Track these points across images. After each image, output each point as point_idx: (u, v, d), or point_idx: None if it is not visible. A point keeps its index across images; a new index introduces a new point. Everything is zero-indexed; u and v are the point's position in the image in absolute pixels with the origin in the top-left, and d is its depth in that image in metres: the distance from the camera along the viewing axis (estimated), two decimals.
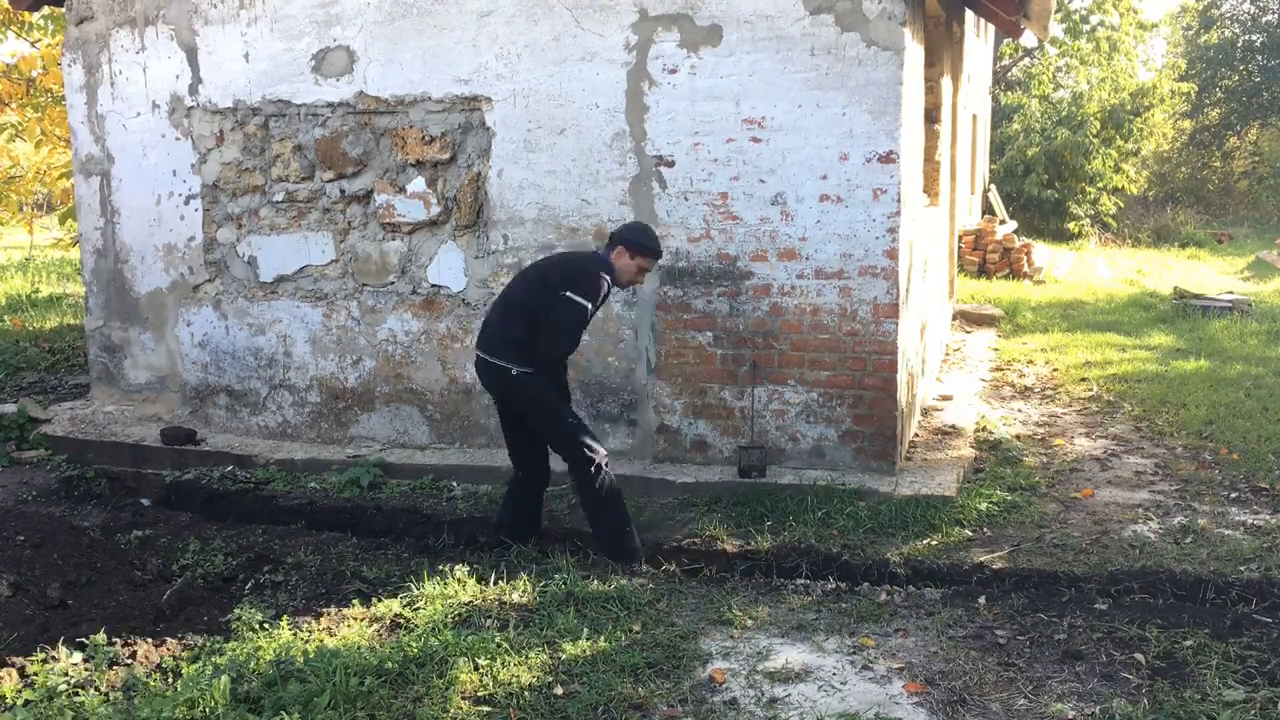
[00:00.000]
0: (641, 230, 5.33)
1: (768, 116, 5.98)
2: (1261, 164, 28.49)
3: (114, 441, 7.19)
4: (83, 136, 7.65)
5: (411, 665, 4.01)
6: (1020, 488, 6.09)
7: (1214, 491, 6.01)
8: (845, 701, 3.82)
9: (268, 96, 6.95)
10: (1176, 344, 10.25)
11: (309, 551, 5.39)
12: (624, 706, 3.76)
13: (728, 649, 4.25)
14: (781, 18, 5.88)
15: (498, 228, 6.57)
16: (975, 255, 15.32)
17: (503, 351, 5.15)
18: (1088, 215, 20.79)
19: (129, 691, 3.85)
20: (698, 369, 6.33)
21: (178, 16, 7.12)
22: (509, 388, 5.19)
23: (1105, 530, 5.44)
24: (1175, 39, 33.63)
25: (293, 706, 3.65)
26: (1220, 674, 3.91)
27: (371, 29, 6.63)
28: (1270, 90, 29.09)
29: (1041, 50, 25.99)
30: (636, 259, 5.22)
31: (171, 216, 7.41)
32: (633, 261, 5.22)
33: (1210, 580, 4.73)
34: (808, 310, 6.08)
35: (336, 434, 7.10)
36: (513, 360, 5.12)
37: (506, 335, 5.15)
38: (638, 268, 5.25)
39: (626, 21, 6.13)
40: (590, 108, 6.26)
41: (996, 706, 3.77)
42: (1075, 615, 4.51)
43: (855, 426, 6.11)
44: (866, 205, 5.90)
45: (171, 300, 7.52)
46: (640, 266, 5.26)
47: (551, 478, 5.52)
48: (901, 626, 4.47)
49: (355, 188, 6.87)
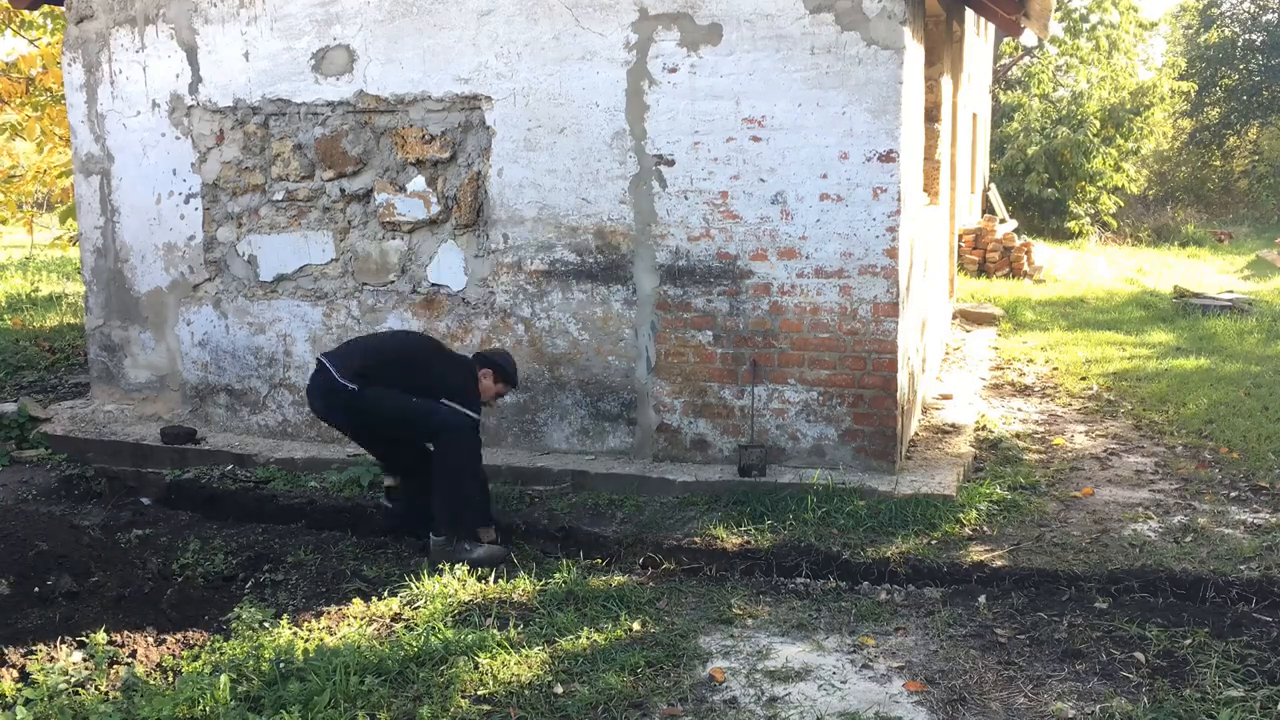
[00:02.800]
0: (509, 361, 5.71)
1: (768, 115, 5.98)
2: (1261, 163, 28.48)
3: (114, 440, 7.19)
4: (82, 135, 7.64)
5: (411, 664, 4.02)
6: (1020, 486, 6.09)
7: (1214, 490, 6.01)
8: (845, 700, 3.82)
9: (268, 95, 6.95)
10: (1176, 343, 10.25)
11: (309, 550, 5.39)
12: (624, 705, 3.76)
13: (728, 648, 4.25)
14: (781, 16, 5.88)
15: (498, 227, 6.57)
16: (975, 254, 15.33)
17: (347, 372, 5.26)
18: (1088, 214, 20.79)
19: (129, 691, 3.85)
20: (698, 368, 6.33)
21: (178, 15, 7.11)
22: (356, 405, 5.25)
23: (1105, 529, 5.44)
24: (1175, 38, 33.62)
25: (293, 705, 3.65)
26: (1220, 673, 3.91)
27: (371, 28, 6.62)
28: (1270, 89, 29.09)
29: (1041, 49, 25.97)
30: (499, 384, 5.63)
31: (171, 215, 7.40)
32: (495, 385, 5.61)
33: (1210, 579, 4.73)
34: (808, 309, 6.08)
35: (336, 433, 7.09)
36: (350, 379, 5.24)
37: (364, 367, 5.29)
38: (496, 392, 5.65)
39: (626, 20, 6.13)
40: (590, 106, 6.26)
41: (997, 705, 3.77)
42: (1075, 614, 4.51)
43: (855, 425, 6.11)
44: (866, 204, 5.90)
45: (171, 299, 7.52)
46: (499, 392, 5.68)
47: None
48: (901, 625, 4.47)
49: (355, 187, 6.87)
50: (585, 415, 6.57)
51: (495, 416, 6.66)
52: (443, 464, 5.30)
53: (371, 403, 5.26)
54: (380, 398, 5.26)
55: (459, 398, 5.33)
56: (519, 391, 6.59)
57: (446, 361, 5.59)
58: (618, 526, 5.66)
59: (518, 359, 6.57)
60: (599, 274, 6.40)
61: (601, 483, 6.22)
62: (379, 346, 5.62)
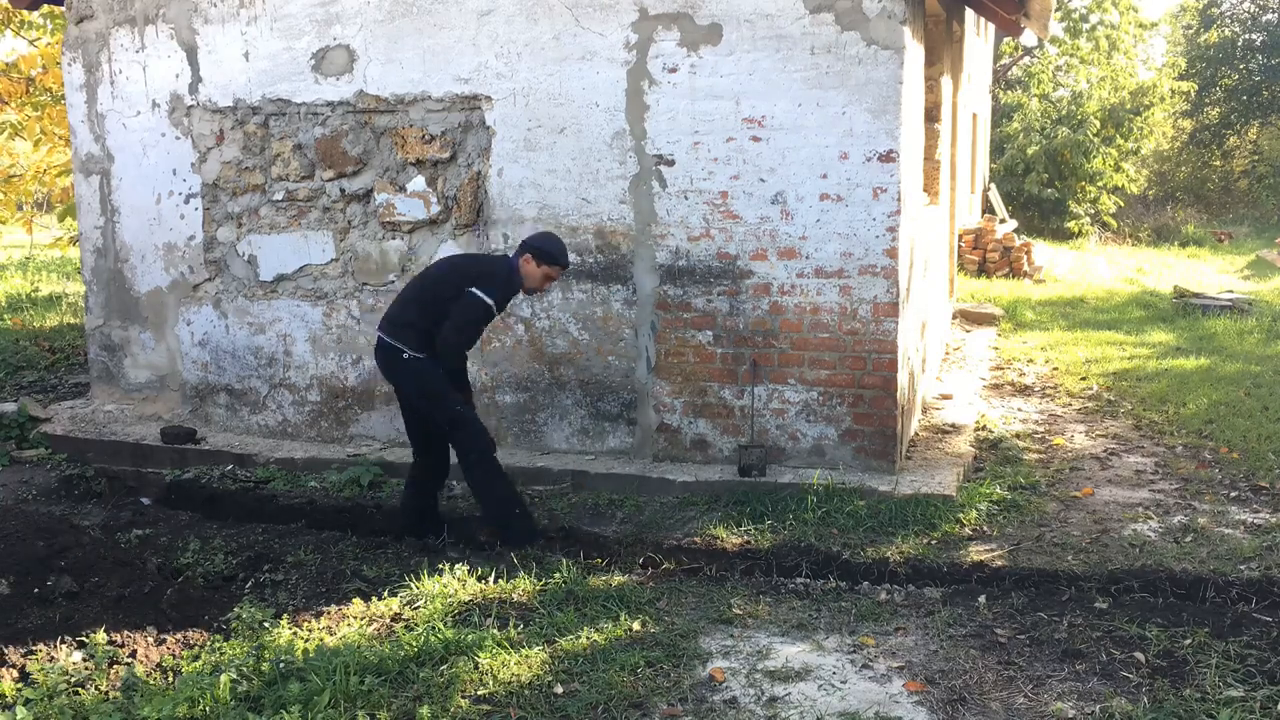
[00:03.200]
0: (549, 239, 5.42)
1: (768, 115, 5.98)
2: (1261, 163, 28.49)
3: (114, 440, 7.19)
4: (82, 135, 7.64)
5: (411, 664, 4.02)
6: (1020, 486, 6.09)
7: (1214, 490, 6.01)
8: (845, 700, 3.82)
9: (268, 95, 6.95)
10: (1176, 343, 10.25)
11: (309, 550, 5.39)
12: (624, 705, 3.76)
13: (728, 648, 4.25)
14: (781, 16, 5.88)
15: (498, 227, 6.57)
16: (975, 254, 15.33)
17: (400, 334, 5.28)
18: (1088, 214, 20.79)
19: (129, 691, 3.85)
20: (698, 368, 6.33)
21: (177, 15, 7.11)
22: (399, 370, 5.32)
23: (1105, 529, 5.44)
24: (1175, 38, 33.61)
25: (293, 705, 3.65)
26: (1220, 673, 3.91)
27: (371, 28, 6.62)
28: (1270, 89, 29.08)
29: (1041, 49, 25.99)
30: (543, 267, 5.30)
31: (171, 215, 7.41)
32: (539, 269, 5.30)
33: (1210, 579, 4.73)
34: (808, 309, 6.08)
35: (336, 433, 7.10)
36: (408, 344, 5.25)
37: (406, 319, 5.29)
38: (544, 275, 5.33)
39: (626, 20, 6.13)
40: (590, 106, 6.26)
41: (997, 705, 3.77)
42: (1075, 614, 4.50)
43: (855, 425, 6.11)
44: (866, 204, 5.90)
45: (171, 299, 7.52)
46: (546, 274, 5.33)
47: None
48: (901, 625, 4.47)
49: (355, 187, 6.87)
50: (585, 415, 6.57)
51: (495, 416, 6.66)
52: (468, 473, 5.38)
53: (407, 373, 5.29)
54: (419, 371, 5.25)
55: (480, 284, 5.18)
56: (519, 391, 6.59)
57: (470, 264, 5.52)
58: (618, 526, 5.66)
59: (518, 359, 6.59)
60: (599, 274, 6.41)
61: (601, 483, 6.22)
62: (404, 292, 5.52)
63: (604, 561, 5.29)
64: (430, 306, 5.24)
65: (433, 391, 5.30)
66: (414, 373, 5.29)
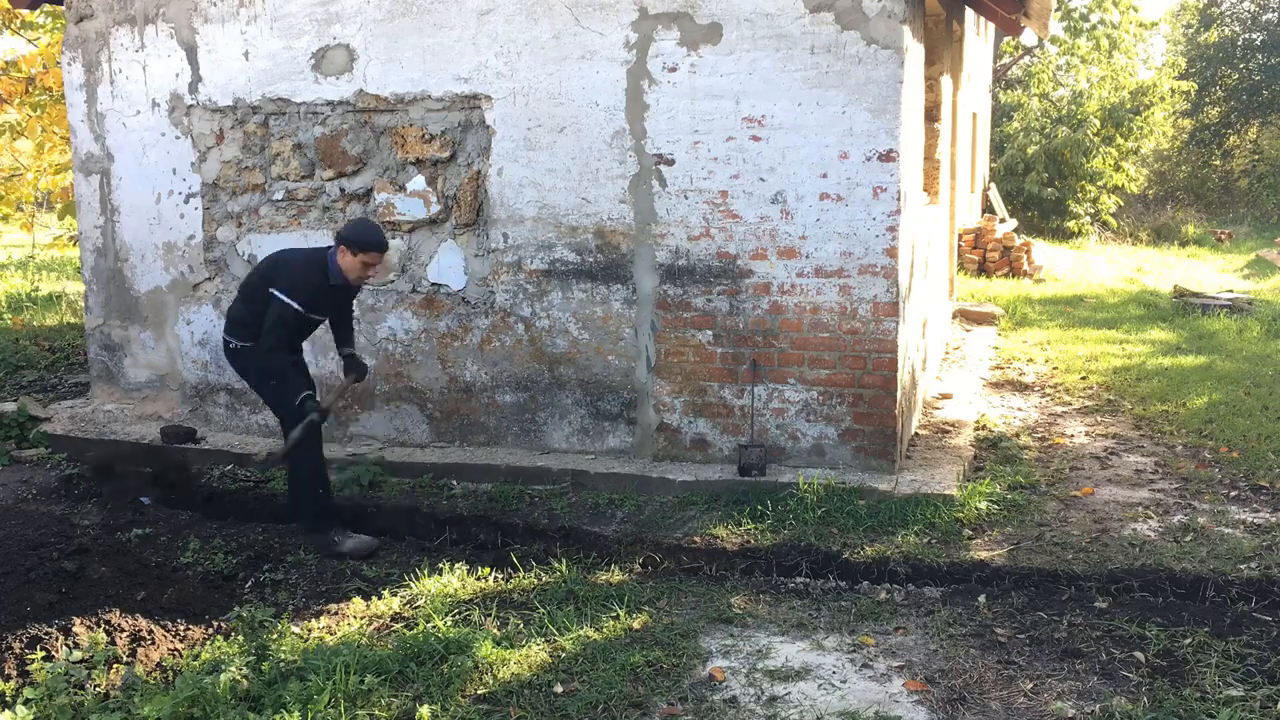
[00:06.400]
0: (359, 226, 5.50)
1: (768, 115, 5.98)
2: (1261, 162, 28.49)
3: (114, 440, 7.19)
4: (82, 135, 7.64)
5: (411, 663, 4.02)
6: (1020, 486, 6.09)
7: (1214, 490, 6.01)
8: (845, 700, 3.82)
9: (267, 95, 6.95)
10: (1176, 342, 10.25)
11: (309, 550, 5.39)
12: (624, 704, 3.77)
13: (728, 647, 4.25)
14: (781, 16, 5.88)
15: (498, 226, 6.57)
16: (975, 253, 15.33)
17: (231, 328, 5.64)
18: (1088, 214, 20.79)
19: (129, 690, 3.85)
20: (697, 367, 6.33)
21: (177, 15, 7.11)
22: (231, 359, 5.69)
23: (1105, 528, 5.44)
24: (1175, 37, 33.61)
25: (293, 705, 3.65)
26: (1220, 672, 3.92)
27: (371, 27, 6.62)
28: (1270, 88, 29.09)
29: (1041, 48, 25.99)
30: (359, 255, 5.37)
31: (171, 215, 7.40)
32: (355, 259, 5.38)
33: (1210, 578, 4.73)
34: (808, 309, 6.08)
35: (336, 432, 7.10)
36: (235, 335, 5.59)
37: (234, 314, 5.65)
38: (362, 264, 5.40)
39: (626, 20, 6.13)
40: (590, 106, 6.26)
41: (996, 705, 3.78)
42: (1075, 613, 4.51)
43: (855, 425, 6.11)
44: (866, 204, 5.90)
45: (171, 299, 7.52)
46: (365, 262, 5.40)
47: None
48: (901, 625, 4.47)
49: (355, 186, 6.87)
50: (585, 415, 6.57)
51: (495, 416, 6.67)
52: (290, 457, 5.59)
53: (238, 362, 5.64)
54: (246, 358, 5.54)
55: (278, 284, 5.38)
56: (519, 391, 6.59)
57: (276, 263, 5.63)
58: (618, 526, 5.66)
59: (518, 358, 6.59)
60: (599, 273, 6.41)
61: (601, 482, 6.22)
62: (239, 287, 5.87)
63: (604, 561, 5.29)
64: (250, 303, 5.53)
65: (255, 371, 5.58)
66: (242, 359, 5.59)
